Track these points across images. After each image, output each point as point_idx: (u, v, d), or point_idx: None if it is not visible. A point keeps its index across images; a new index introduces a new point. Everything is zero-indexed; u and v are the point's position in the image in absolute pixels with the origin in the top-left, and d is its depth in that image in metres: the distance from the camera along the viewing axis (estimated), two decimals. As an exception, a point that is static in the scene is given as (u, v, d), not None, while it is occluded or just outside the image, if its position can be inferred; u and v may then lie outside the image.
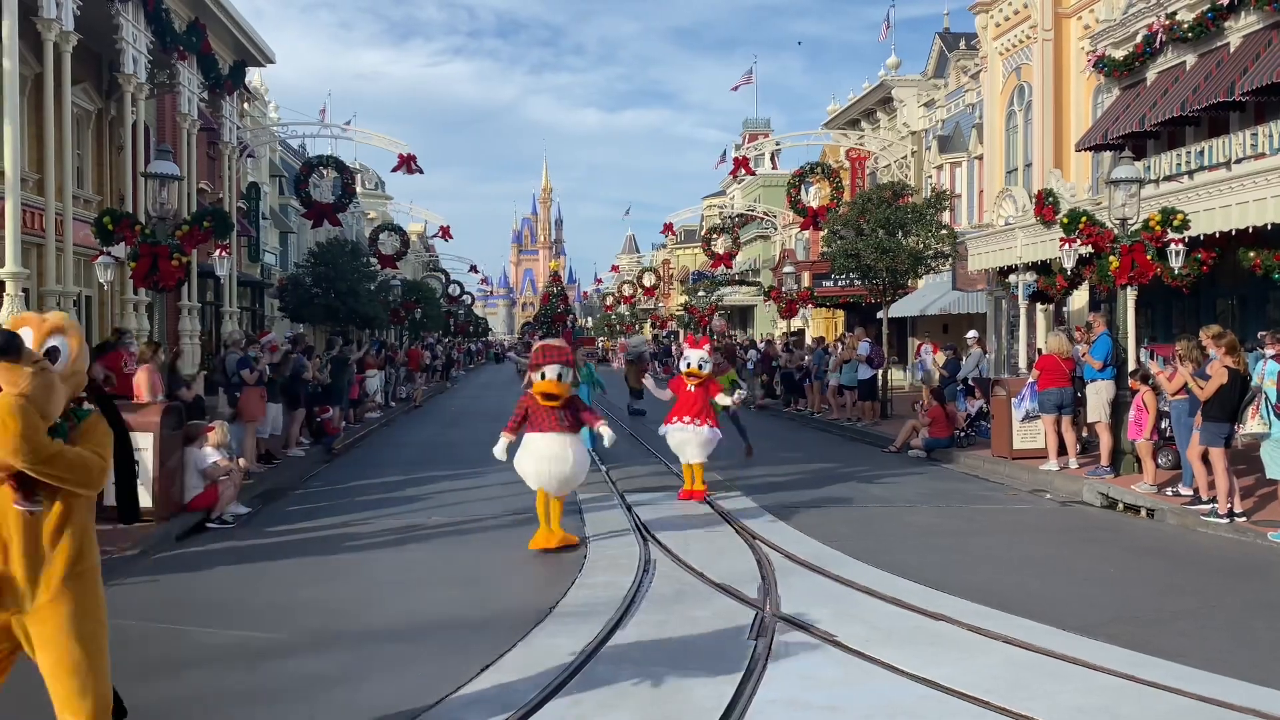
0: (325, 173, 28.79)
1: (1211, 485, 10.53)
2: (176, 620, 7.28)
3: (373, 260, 35.30)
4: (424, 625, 7.07)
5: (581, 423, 9.69)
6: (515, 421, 9.50)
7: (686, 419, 11.95)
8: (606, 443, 9.63)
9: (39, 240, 15.28)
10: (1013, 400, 14.71)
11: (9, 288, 13.03)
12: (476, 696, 5.60)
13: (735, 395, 13.38)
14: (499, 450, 9.44)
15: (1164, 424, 12.37)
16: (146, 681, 5.92)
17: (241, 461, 12.06)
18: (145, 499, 10.58)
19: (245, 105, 27.76)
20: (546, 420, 9.31)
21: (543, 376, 9.34)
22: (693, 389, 12.06)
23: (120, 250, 13.71)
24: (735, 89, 55.89)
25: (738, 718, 5.26)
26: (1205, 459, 10.58)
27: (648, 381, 14.23)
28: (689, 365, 12.21)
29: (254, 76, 30.60)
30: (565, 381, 9.41)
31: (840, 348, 21.73)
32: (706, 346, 12.64)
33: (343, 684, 5.86)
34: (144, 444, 10.60)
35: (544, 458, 9.26)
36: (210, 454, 11.27)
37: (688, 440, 11.91)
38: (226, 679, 5.99)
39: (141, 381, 11.69)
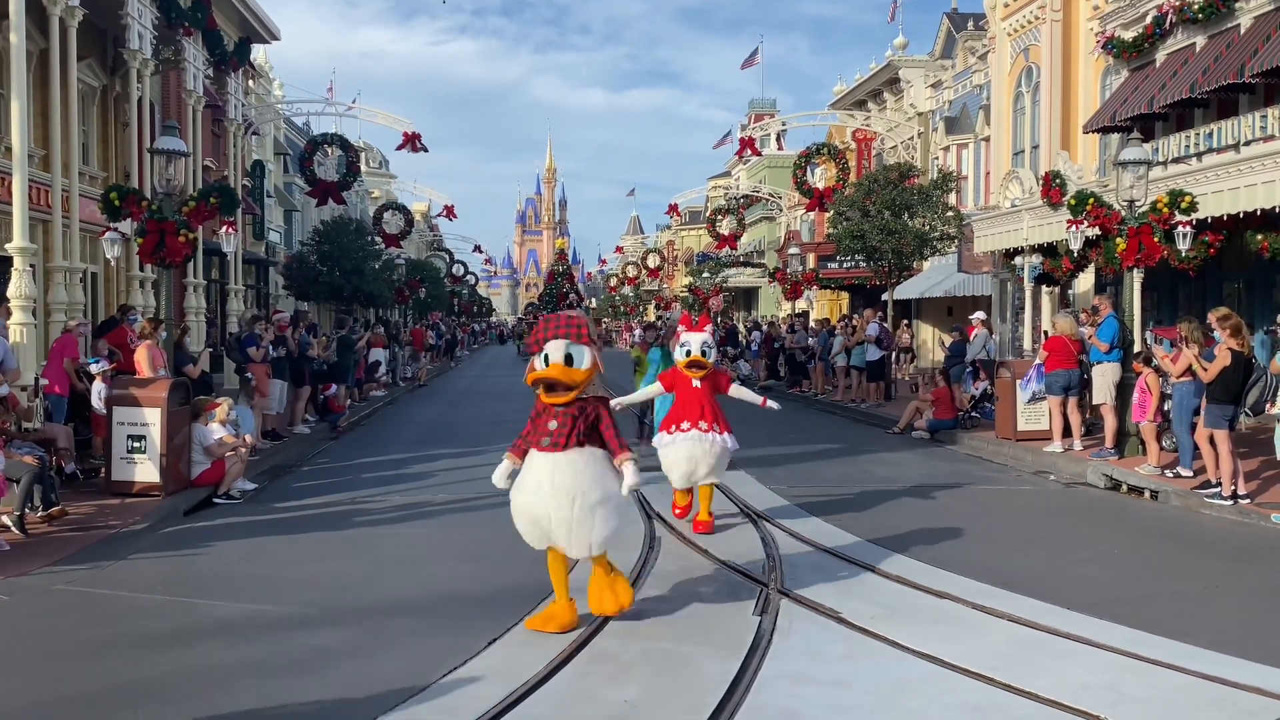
0: (330, 151, 28.82)
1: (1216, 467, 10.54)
2: (185, 594, 7.35)
3: (377, 239, 35.32)
4: (431, 600, 7.12)
5: (606, 437, 6.41)
6: (521, 439, 6.50)
7: (687, 425, 9.03)
8: (625, 490, 6.33)
9: (46, 216, 15.29)
10: (1019, 381, 14.70)
11: (17, 263, 13.05)
12: (485, 669, 5.64)
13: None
14: (498, 477, 6.50)
15: (1167, 406, 12.36)
16: (156, 654, 5.98)
17: (248, 438, 12.09)
18: (152, 474, 10.67)
19: (250, 83, 27.69)
20: (544, 430, 6.29)
21: (546, 361, 6.21)
22: (698, 384, 9.19)
23: (127, 226, 13.71)
24: (743, 69, 55.51)
25: (744, 692, 5.30)
26: (1212, 441, 10.59)
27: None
28: (689, 353, 9.20)
29: (259, 54, 30.58)
30: (582, 367, 6.21)
31: (852, 331, 21.66)
32: (708, 328, 9.71)
33: (351, 657, 5.90)
34: (150, 419, 10.70)
35: (533, 490, 6.27)
36: (216, 430, 11.31)
37: (698, 454, 8.94)
38: (236, 652, 6.04)
39: (141, 358, 11.73)
